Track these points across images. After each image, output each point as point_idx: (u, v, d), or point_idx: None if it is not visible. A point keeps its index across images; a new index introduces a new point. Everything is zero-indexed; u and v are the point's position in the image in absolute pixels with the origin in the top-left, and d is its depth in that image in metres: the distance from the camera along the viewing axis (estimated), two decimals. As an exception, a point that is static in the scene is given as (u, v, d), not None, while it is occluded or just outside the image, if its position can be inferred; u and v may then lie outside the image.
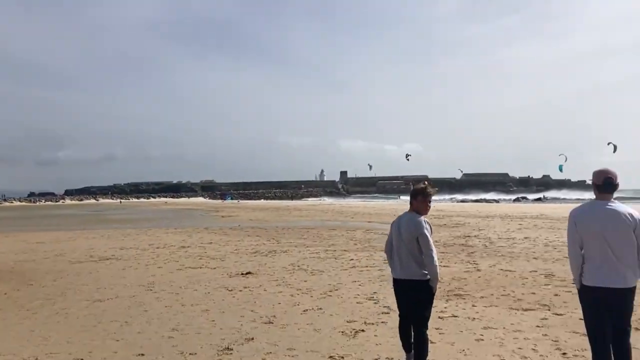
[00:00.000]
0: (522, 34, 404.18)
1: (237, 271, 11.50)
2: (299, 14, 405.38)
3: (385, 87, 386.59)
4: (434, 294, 4.95)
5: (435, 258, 4.81)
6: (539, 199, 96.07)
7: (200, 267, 12.23)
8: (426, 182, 5.16)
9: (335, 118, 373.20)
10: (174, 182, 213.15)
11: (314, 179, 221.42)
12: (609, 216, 4.02)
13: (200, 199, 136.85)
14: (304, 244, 17.10)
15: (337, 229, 23.66)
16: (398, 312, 5.25)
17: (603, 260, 4.02)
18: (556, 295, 8.39)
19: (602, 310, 4.07)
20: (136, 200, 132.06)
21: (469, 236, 19.25)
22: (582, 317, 4.34)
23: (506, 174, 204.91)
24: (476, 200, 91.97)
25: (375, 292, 8.87)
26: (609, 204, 4.09)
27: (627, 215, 4.00)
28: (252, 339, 6.24)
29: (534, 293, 8.63)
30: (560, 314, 7.11)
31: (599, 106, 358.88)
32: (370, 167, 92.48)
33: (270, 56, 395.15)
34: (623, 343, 4.12)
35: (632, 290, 4.05)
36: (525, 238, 17.95)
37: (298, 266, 12.16)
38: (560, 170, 77.14)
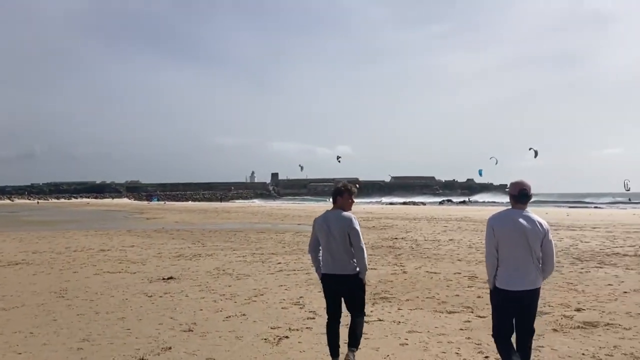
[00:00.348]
0: (449, 42, 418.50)
1: (158, 276, 11.00)
2: (231, 13, 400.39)
3: (318, 89, 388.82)
4: (364, 284, 5.17)
5: (365, 251, 5.08)
6: (463, 202, 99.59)
7: (120, 272, 11.61)
8: (357, 185, 5.33)
9: (268, 119, 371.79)
10: (98, 182, 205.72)
11: (244, 180, 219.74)
12: (523, 224, 4.37)
13: (125, 200, 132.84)
14: (230, 247, 16.70)
15: (266, 232, 23.36)
16: (327, 310, 5.28)
17: (516, 264, 4.37)
18: (479, 297, 8.51)
19: (510, 310, 4.45)
20: (56, 200, 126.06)
21: (396, 238, 19.49)
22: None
23: (433, 177, 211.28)
24: (404, 203, 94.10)
25: (301, 297, 8.68)
26: (524, 213, 4.45)
27: (538, 225, 4.39)
28: (170, 348, 5.89)
29: (457, 295, 8.73)
30: (483, 317, 7.18)
31: (521, 113, 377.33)
32: (302, 168, 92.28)
33: (200, 54, 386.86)
34: (527, 341, 4.54)
35: (539, 291, 4.48)
36: (450, 240, 18.38)
37: (223, 270, 11.79)
38: (480, 174, 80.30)
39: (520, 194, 4.48)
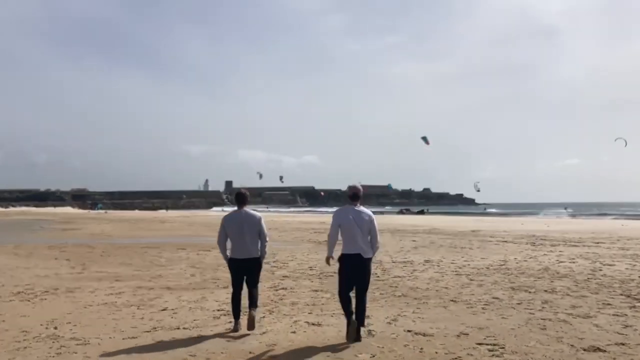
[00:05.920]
0: (403, 52, 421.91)
1: None
2: (187, 21, 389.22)
3: (281, 98, 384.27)
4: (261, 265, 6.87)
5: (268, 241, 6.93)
6: (421, 212, 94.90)
7: None
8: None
9: (236, 128, 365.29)
10: (42, 190, 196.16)
11: (197, 189, 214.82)
12: (357, 214, 6.27)
13: (68, 209, 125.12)
14: (117, 275, 11.49)
15: (187, 248, 18.06)
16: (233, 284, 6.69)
17: (352, 239, 6.19)
18: None
19: (349, 270, 6.16)
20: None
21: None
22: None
23: (388, 186, 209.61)
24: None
25: None
26: (355, 207, 6.32)
27: (365, 215, 6.28)
28: None
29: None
30: None
31: (474, 123, 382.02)
32: (260, 175, 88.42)
33: (154, 62, 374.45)
34: (363, 295, 6.22)
35: (370, 260, 6.35)
36: (427, 261, 13.63)
37: (55, 328, 6.71)
38: (390, 188, 79.11)
39: (352, 195, 6.31)
